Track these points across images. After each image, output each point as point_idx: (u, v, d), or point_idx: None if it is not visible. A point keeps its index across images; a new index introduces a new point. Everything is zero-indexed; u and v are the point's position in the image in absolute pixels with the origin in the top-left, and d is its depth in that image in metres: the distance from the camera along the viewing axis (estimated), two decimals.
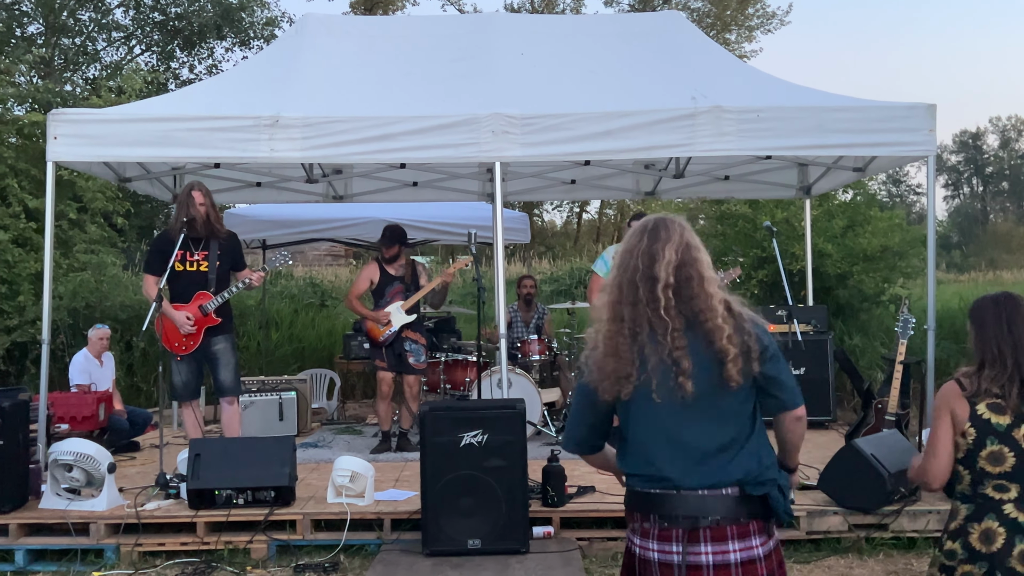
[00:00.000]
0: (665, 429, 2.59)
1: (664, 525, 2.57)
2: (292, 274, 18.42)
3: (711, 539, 2.54)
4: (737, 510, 2.56)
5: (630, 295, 2.64)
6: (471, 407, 5.79)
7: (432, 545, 5.39)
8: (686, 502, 2.56)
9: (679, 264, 2.62)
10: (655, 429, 2.60)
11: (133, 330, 11.58)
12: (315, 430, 9.48)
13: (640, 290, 2.62)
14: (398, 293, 8.00)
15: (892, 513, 5.70)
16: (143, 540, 5.74)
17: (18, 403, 6.05)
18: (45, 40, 21.39)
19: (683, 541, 2.54)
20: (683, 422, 2.57)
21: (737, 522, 2.55)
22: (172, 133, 6.70)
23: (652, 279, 2.61)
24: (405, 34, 8.76)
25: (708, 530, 2.54)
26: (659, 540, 2.58)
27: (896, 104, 6.90)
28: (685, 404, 2.55)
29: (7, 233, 10.50)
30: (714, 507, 2.55)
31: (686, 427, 2.58)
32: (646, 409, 2.61)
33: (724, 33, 29.69)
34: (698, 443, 2.57)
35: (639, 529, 2.66)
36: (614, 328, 2.64)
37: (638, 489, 2.65)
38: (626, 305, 2.64)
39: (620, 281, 2.68)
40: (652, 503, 2.60)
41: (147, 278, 6.87)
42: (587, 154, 7.02)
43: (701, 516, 2.54)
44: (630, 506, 2.70)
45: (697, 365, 2.55)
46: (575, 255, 25.58)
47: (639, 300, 2.62)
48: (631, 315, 2.63)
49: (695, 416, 2.57)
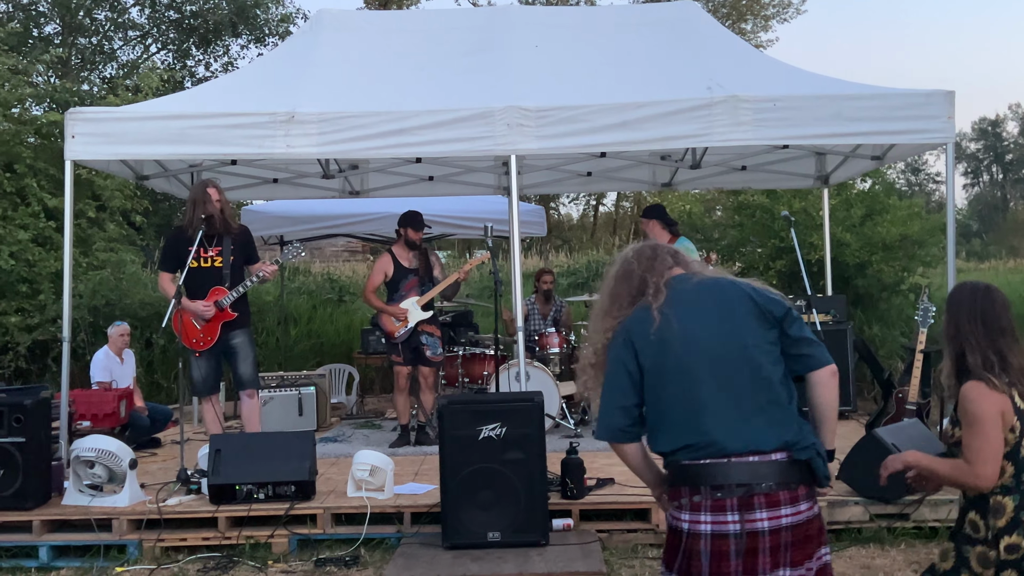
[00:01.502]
0: (701, 395, 2.62)
1: (717, 496, 2.57)
2: (310, 270, 18.48)
3: (765, 505, 2.55)
4: (787, 475, 2.58)
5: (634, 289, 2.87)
6: (489, 400, 5.78)
7: (452, 538, 5.40)
8: (738, 469, 2.56)
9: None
10: (691, 397, 2.63)
11: (152, 327, 11.66)
12: (334, 425, 9.52)
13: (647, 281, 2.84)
14: (413, 286, 7.99)
15: (913, 503, 5.67)
16: (165, 535, 5.77)
17: (40, 401, 6.09)
18: (62, 40, 21.53)
19: (739, 510, 2.55)
20: (714, 385, 2.61)
21: (788, 487, 2.57)
22: (189, 130, 6.73)
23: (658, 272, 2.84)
24: (419, 28, 8.76)
25: (762, 496, 2.55)
26: (712, 512, 2.58)
27: (914, 91, 6.84)
28: (715, 370, 2.62)
29: (27, 232, 10.58)
30: (766, 473, 2.56)
31: (721, 392, 2.61)
32: (678, 379, 2.64)
33: (740, 23, 29.51)
34: (737, 405, 2.60)
35: (687, 504, 2.64)
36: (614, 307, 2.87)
37: (685, 462, 2.64)
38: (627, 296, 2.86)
39: (617, 290, 2.91)
40: (702, 474, 2.60)
41: (162, 275, 6.93)
42: (603, 146, 6.99)
43: (754, 483, 2.55)
44: (676, 482, 2.69)
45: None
46: (592, 248, 25.53)
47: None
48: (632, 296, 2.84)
49: (728, 381, 2.62)
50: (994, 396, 3.06)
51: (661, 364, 2.67)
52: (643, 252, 2.95)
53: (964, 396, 3.09)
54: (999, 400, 3.06)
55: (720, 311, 2.69)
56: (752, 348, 2.63)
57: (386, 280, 8.06)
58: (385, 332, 8.03)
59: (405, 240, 8.09)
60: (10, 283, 10.75)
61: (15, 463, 5.85)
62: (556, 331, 9.25)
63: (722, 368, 2.62)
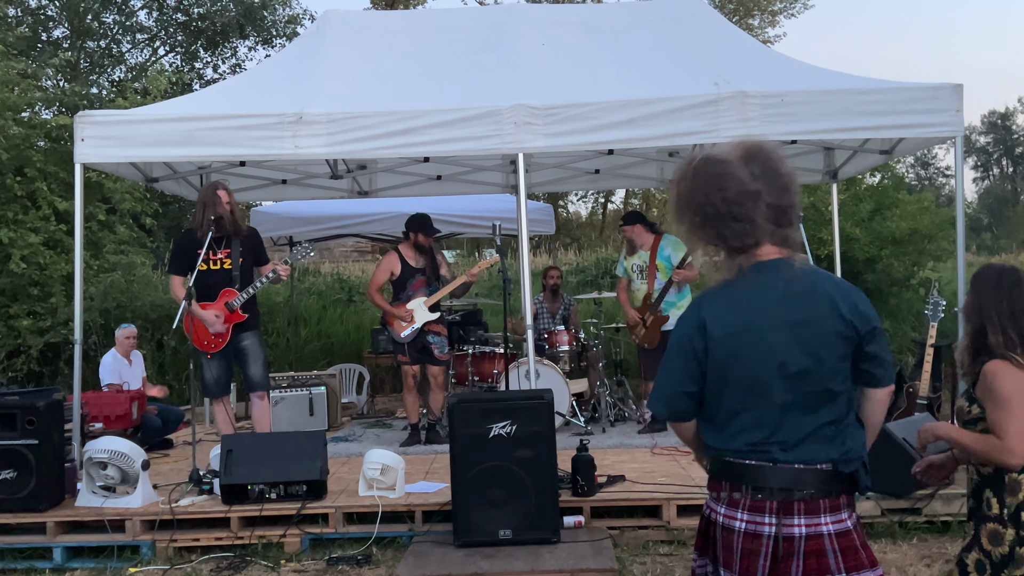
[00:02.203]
0: (769, 404, 2.53)
1: (757, 496, 2.53)
2: (319, 270, 18.53)
3: (804, 512, 2.50)
4: (829, 484, 2.53)
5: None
6: (499, 398, 5.79)
7: (463, 536, 5.41)
8: (781, 474, 2.52)
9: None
10: (752, 404, 2.55)
11: (163, 329, 11.71)
12: (345, 424, 9.55)
13: None
14: (420, 286, 8.00)
15: (925, 497, 5.66)
16: (178, 536, 5.80)
17: (53, 403, 6.13)
18: (71, 44, 21.60)
19: (777, 513, 2.51)
20: (787, 398, 2.52)
21: (829, 495, 2.52)
22: (198, 132, 6.75)
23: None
24: (426, 28, 8.77)
25: (802, 503, 2.51)
26: (750, 511, 2.53)
27: (922, 85, 6.83)
28: (785, 382, 2.52)
29: (38, 236, 10.63)
30: (809, 480, 2.51)
31: (790, 404, 2.52)
32: (744, 382, 2.54)
33: (747, 18, 29.42)
34: (801, 422, 2.52)
35: (726, 499, 2.59)
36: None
37: (730, 459, 2.59)
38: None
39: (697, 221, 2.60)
40: (745, 474, 2.55)
41: (173, 279, 6.95)
42: (610, 143, 7.00)
43: (796, 489, 2.51)
44: (718, 475, 2.63)
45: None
46: (601, 245, 25.53)
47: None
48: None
49: (794, 395, 2.52)
50: (1019, 374, 3.11)
51: (731, 362, 2.55)
52: (746, 192, 2.50)
53: (991, 374, 3.14)
54: (1022, 378, 3.10)
55: (806, 318, 2.52)
56: (827, 364, 2.51)
57: (392, 279, 8.06)
58: (392, 332, 8.05)
59: (414, 243, 8.09)
60: (22, 286, 10.80)
61: (29, 465, 5.89)
62: (565, 329, 9.25)
63: (792, 381, 2.51)
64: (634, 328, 8.41)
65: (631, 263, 8.54)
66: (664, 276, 8.21)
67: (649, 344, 8.30)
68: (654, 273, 8.28)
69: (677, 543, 5.64)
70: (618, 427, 8.68)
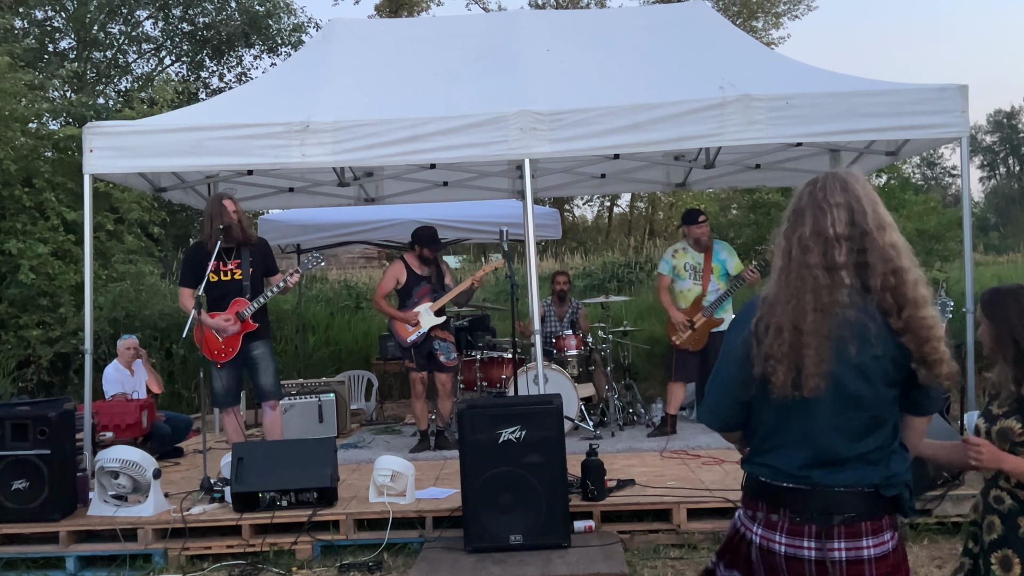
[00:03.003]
0: (815, 427, 2.44)
1: (796, 520, 2.45)
2: (327, 277, 18.55)
3: (845, 535, 2.42)
4: (871, 507, 2.44)
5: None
6: (508, 404, 5.81)
7: (474, 542, 5.42)
8: (820, 498, 2.44)
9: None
10: (800, 425, 2.45)
11: (172, 337, 11.75)
12: (354, 431, 9.56)
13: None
14: (426, 293, 8.04)
15: (936, 498, 5.63)
16: (190, 544, 5.82)
17: (64, 413, 6.16)
18: (77, 55, 21.69)
19: (817, 537, 2.43)
20: (834, 422, 2.43)
21: (871, 518, 2.44)
22: (205, 142, 6.79)
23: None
24: (431, 35, 8.81)
25: (842, 527, 2.43)
26: (789, 534, 2.47)
27: (927, 86, 6.83)
28: (836, 406, 2.42)
29: (47, 246, 10.67)
30: (849, 504, 2.43)
31: (837, 428, 2.43)
32: (796, 404, 2.43)
33: (751, 21, 29.43)
34: (847, 447, 2.44)
35: (763, 519, 2.51)
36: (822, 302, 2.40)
37: (766, 480, 2.51)
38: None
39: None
40: (782, 497, 2.48)
41: (182, 291, 6.96)
42: (616, 148, 7.01)
43: (836, 512, 2.43)
44: (754, 494, 2.55)
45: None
46: (607, 249, 25.50)
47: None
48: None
49: (844, 421, 2.43)
50: None
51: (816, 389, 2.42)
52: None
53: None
54: None
55: (862, 343, 2.39)
56: (881, 391, 2.42)
57: (398, 287, 8.10)
58: (398, 337, 8.07)
59: (419, 255, 8.14)
60: (31, 297, 10.85)
61: (41, 475, 5.92)
62: (573, 333, 9.26)
63: (844, 406, 2.41)
64: (678, 329, 8.07)
65: (682, 262, 8.23)
66: (718, 278, 8.11)
67: (694, 346, 7.98)
68: (709, 275, 8.09)
69: (688, 547, 5.63)
70: (627, 431, 8.68)
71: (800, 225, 2.49)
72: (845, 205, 2.47)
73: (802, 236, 2.47)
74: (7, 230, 10.88)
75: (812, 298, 2.40)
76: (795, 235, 2.49)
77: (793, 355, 2.38)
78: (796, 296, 2.42)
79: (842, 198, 2.48)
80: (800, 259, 2.45)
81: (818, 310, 2.38)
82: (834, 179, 2.55)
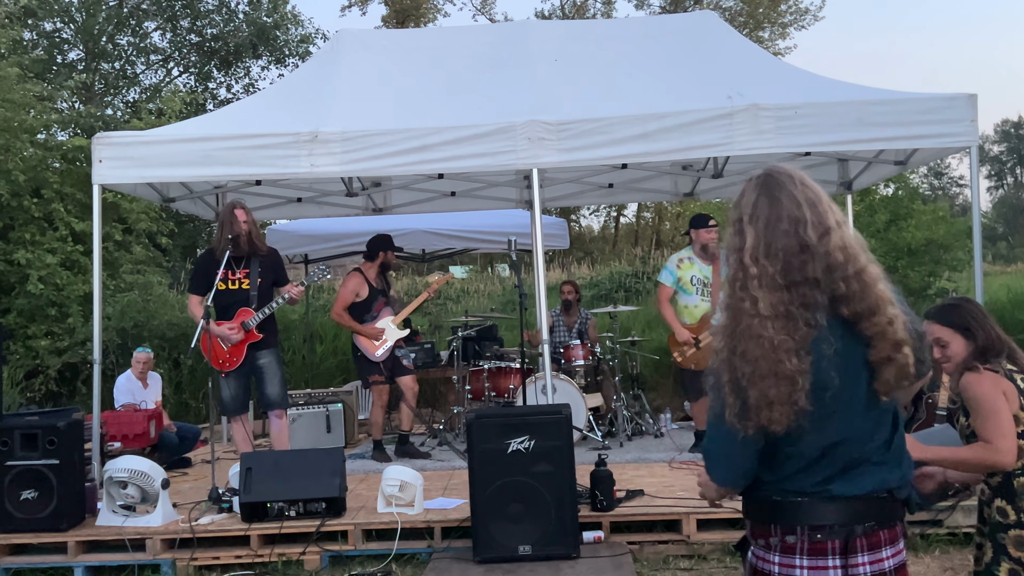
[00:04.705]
0: (821, 442, 2.28)
1: (817, 537, 2.28)
2: (334, 288, 18.56)
3: (867, 548, 2.30)
4: (887, 512, 2.33)
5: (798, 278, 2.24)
6: (517, 413, 5.79)
7: (483, 552, 5.40)
8: (840, 509, 2.28)
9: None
10: (814, 433, 2.28)
11: (181, 348, 11.75)
12: (362, 441, 9.55)
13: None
14: (383, 306, 8.17)
15: (947, 509, 5.62)
16: (198, 554, 5.81)
17: (73, 423, 6.16)
18: (86, 66, 21.80)
19: (841, 553, 2.29)
20: (841, 424, 2.28)
21: (888, 526, 2.33)
22: (213, 152, 6.80)
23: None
24: (438, 45, 8.82)
25: (864, 538, 2.30)
26: (810, 555, 2.30)
27: (936, 95, 6.82)
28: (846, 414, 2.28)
29: (55, 257, 10.70)
30: (868, 512, 2.30)
31: (846, 429, 2.29)
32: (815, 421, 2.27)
33: (757, 31, 29.48)
34: (858, 448, 2.30)
35: (778, 544, 2.33)
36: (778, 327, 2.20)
37: (777, 498, 2.32)
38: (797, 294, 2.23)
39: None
40: (799, 513, 2.30)
41: (192, 298, 6.99)
42: (624, 157, 7.01)
43: (856, 523, 2.28)
44: (766, 518, 2.35)
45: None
46: (614, 259, 25.50)
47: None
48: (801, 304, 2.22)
49: (853, 416, 2.30)
50: (987, 377, 3.25)
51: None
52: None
53: (963, 388, 3.31)
54: (993, 379, 3.25)
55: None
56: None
57: (358, 299, 8.16)
58: (366, 352, 8.12)
59: (382, 263, 8.22)
60: (39, 307, 10.88)
61: (49, 485, 5.93)
62: (581, 343, 9.25)
63: (851, 410, 2.28)
64: (681, 346, 7.62)
65: (689, 274, 7.70)
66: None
67: (696, 366, 7.47)
68: (718, 291, 7.49)
69: (698, 558, 5.61)
70: (635, 441, 8.66)
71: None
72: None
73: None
74: (16, 240, 10.93)
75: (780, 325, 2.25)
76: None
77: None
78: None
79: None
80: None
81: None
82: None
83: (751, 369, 2.21)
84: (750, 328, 2.23)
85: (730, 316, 2.29)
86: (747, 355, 2.22)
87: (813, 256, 2.25)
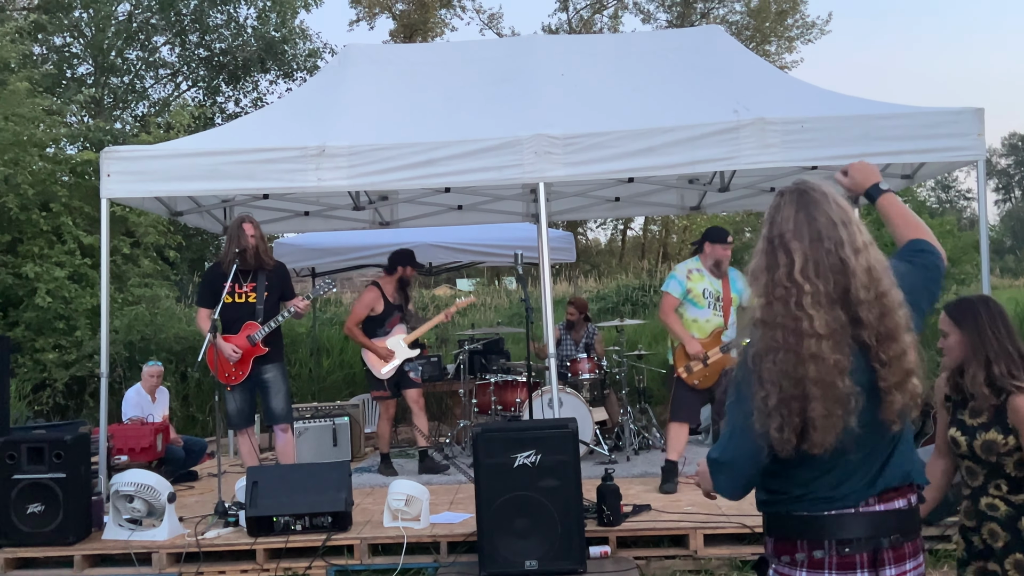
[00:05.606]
0: (842, 446, 2.23)
1: (845, 551, 2.24)
2: (341, 300, 18.59)
3: (893, 560, 2.27)
4: (910, 523, 2.31)
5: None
6: (523, 428, 5.78)
7: (489, 567, 5.37)
8: (866, 521, 2.26)
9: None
10: (848, 451, 2.25)
11: (187, 361, 11.77)
12: (369, 455, 9.54)
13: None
14: (396, 322, 8.11)
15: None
16: (204, 568, 5.80)
17: (79, 436, 6.17)
18: (94, 80, 21.91)
19: (869, 567, 2.26)
20: (865, 439, 2.26)
21: (911, 537, 2.31)
22: (221, 166, 6.83)
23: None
24: (446, 60, 8.85)
25: (890, 551, 2.27)
26: (839, 570, 2.26)
27: (943, 109, 6.82)
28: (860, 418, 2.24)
29: (63, 270, 10.74)
30: (892, 524, 2.27)
31: (860, 444, 2.25)
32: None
33: (764, 45, 29.55)
34: (872, 450, 2.28)
35: (805, 560, 2.28)
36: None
37: (803, 513, 2.29)
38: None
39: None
40: (826, 527, 2.26)
41: (200, 311, 7.00)
42: (630, 171, 7.01)
43: (883, 536, 2.26)
44: (791, 534, 2.31)
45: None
46: (621, 272, 25.51)
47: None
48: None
49: (875, 433, 2.28)
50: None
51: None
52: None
53: (1013, 410, 3.18)
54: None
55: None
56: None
57: (372, 314, 8.13)
58: (372, 368, 8.13)
59: (400, 277, 8.20)
60: (47, 320, 10.91)
61: (56, 498, 5.92)
62: (588, 357, 9.23)
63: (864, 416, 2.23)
64: (689, 360, 7.03)
65: (700, 287, 7.15)
66: (737, 311, 7.22)
67: (702, 383, 7.00)
68: (729, 306, 7.16)
69: (705, 573, 5.58)
70: (642, 455, 8.63)
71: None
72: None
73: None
74: (24, 254, 10.97)
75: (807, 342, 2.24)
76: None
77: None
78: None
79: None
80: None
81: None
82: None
83: (808, 390, 2.18)
84: (807, 347, 2.20)
85: (781, 335, 2.23)
86: (806, 376, 2.19)
87: (853, 276, 2.26)
